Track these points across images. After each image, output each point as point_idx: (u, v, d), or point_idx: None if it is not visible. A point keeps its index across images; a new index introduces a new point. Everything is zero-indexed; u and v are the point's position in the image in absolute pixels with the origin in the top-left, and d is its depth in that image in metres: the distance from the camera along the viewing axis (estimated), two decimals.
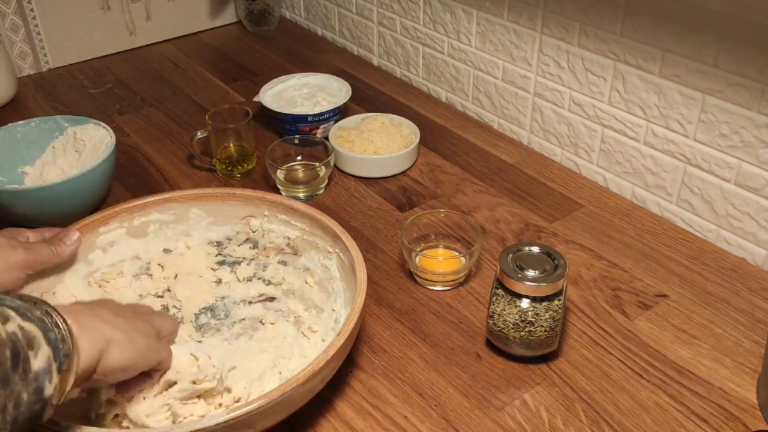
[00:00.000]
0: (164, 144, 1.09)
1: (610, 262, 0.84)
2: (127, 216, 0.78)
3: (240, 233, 0.81)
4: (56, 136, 0.96)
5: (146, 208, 0.78)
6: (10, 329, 0.42)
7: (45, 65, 1.32)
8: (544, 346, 0.70)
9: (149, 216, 0.79)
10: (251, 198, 0.79)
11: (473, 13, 1.09)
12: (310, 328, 0.73)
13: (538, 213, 0.93)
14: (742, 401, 0.67)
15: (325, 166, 0.96)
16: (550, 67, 1.00)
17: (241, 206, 0.80)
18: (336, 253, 0.74)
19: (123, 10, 1.36)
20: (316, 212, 0.76)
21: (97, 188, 0.90)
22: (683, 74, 0.84)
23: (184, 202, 0.80)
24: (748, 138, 0.80)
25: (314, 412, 0.66)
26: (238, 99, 1.22)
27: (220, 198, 0.80)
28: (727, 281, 0.81)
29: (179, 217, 0.80)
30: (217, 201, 0.80)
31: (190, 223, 0.81)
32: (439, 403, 0.67)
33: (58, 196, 0.84)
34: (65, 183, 0.84)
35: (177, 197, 0.79)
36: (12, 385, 0.41)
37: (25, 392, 0.42)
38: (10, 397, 0.41)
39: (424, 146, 1.07)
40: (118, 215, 0.77)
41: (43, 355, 0.44)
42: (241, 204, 0.80)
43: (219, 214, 0.81)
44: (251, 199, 0.79)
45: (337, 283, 0.74)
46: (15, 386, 0.42)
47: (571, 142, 1.02)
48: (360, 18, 1.33)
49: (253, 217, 0.80)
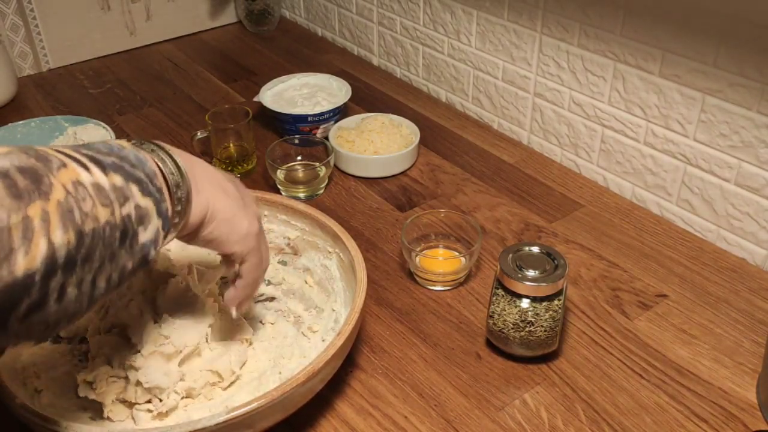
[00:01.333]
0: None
1: (610, 262, 0.84)
2: None
3: None
4: (56, 136, 0.96)
5: None
6: (125, 212, 0.46)
7: (45, 65, 1.32)
8: (544, 346, 0.70)
9: None
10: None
11: (473, 13, 1.09)
12: (310, 328, 0.73)
13: (538, 213, 0.93)
14: (742, 401, 0.67)
15: (325, 166, 0.96)
16: (550, 67, 1.00)
17: None
18: (336, 253, 0.74)
19: (123, 10, 1.36)
20: (316, 212, 0.76)
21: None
22: (683, 74, 0.84)
23: None
24: (748, 138, 0.80)
25: (314, 412, 0.66)
26: (238, 99, 1.22)
27: None
28: (727, 281, 0.81)
29: None
30: None
31: None
32: (439, 403, 0.67)
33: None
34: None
35: None
36: (117, 260, 0.46)
37: (130, 262, 0.47)
38: (116, 267, 0.46)
39: (424, 146, 1.07)
40: None
41: (152, 228, 0.48)
42: None
43: None
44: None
45: (337, 283, 0.74)
46: (120, 260, 0.46)
47: (571, 142, 1.02)
48: (360, 18, 1.34)
49: None
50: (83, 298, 0.43)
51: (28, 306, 0.39)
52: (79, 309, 0.44)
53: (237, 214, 0.58)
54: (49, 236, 0.40)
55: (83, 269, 0.43)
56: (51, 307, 0.41)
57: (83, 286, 0.43)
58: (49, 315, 0.41)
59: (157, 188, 0.50)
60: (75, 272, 0.42)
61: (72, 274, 0.42)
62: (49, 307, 0.41)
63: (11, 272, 0.38)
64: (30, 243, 0.39)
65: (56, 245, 0.40)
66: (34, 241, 0.39)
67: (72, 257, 0.41)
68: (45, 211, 0.40)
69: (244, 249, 0.59)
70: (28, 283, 0.39)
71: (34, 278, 0.39)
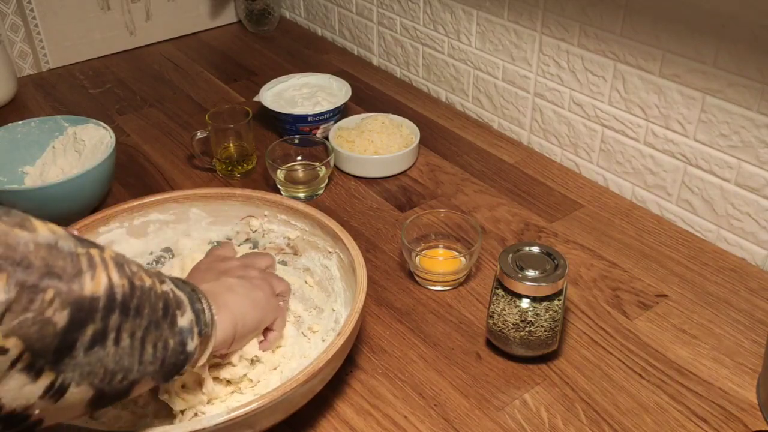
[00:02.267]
0: (164, 144, 1.09)
1: (610, 262, 0.84)
2: (127, 216, 0.77)
3: (240, 233, 0.81)
4: (56, 136, 0.96)
5: (146, 208, 0.78)
6: (166, 288, 0.50)
7: (45, 65, 1.32)
8: (544, 346, 0.69)
9: (149, 216, 0.79)
10: (251, 198, 0.79)
11: (473, 13, 1.09)
12: (310, 328, 0.73)
13: (538, 213, 0.93)
14: (742, 401, 0.67)
15: (325, 166, 0.96)
16: (550, 67, 1.00)
17: (240, 206, 0.80)
18: (336, 253, 0.74)
19: (123, 10, 1.36)
20: (316, 212, 0.76)
21: (98, 188, 0.90)
22: (683, 74, 0.84)
23: (184, 202, 0.80)
24: (748, 138, 0.80)
25: (314, 412, 0.66)
26: (238, 99, 1.22)
27: (220, 198, 0.80)
28: (727, 281, 0.81)
29: (179, 217, 0.80)
30: (217, 201, 0.80)
31: (190, 223, 0.81)
32: (439, 403, 0.67)
33: (58, 195, 0.84)
34: (66, 183, 0.84)
35: (177, 197, 0.79)
36: (161, 330, 0.49)
37: (171, 339, 0.50)
38: (160, 338, 0.49)
39: (424, 146, 1.07)
40: (118, 215, 0.77)
41: (187, 318, 0.52)
42: (240, 204, 0.80)
43: (219, 214, 0.81)
44: (251, 199, 0.79)
45: (337, 283, 0.74)
46: (164, 332, 0.49)
47: (571, 142, 1.02)
48: (360, 18, 1.33)
49: (253, 217, 0.80)
50: (135, 354, 0.46)
51: (92, 334, 0.43)
52: (130, 367, 0.46)
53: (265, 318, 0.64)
54: (109, 273, 0.44)
55: (135, 321, 0.46)
56: (110, 347, 0.44)
57: (135, 341, 0.46)
58: (108, 357, 0.44)
59: (188, 291, 0.54)
60: (129, 319, 0.45)
61: (127, 320, 0.45)
62: (108, 347, 0.44)
63: (82, 289, 0.42)
64: (95, 271, 0.43)
65: (114, 283, 0.45)
66: (98, 272, 0.44)
67: (126, 302, 0.45)
68: (103, 256, 0.45)
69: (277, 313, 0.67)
70: (94, 307, 0.43)
71: (98, 304, 0.43)
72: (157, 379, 0.50)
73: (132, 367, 0.46)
